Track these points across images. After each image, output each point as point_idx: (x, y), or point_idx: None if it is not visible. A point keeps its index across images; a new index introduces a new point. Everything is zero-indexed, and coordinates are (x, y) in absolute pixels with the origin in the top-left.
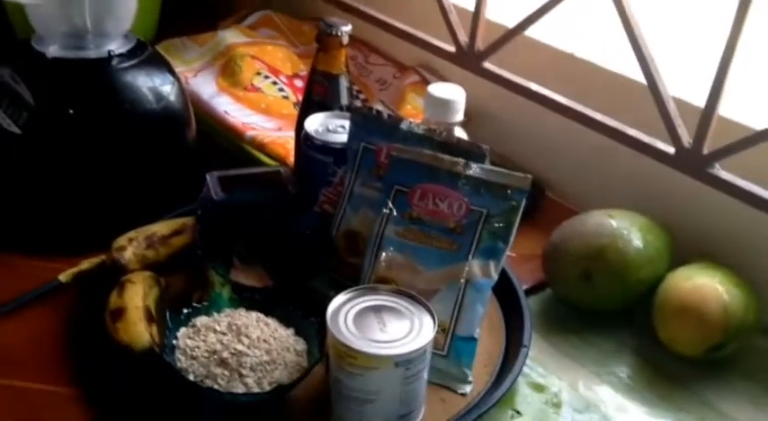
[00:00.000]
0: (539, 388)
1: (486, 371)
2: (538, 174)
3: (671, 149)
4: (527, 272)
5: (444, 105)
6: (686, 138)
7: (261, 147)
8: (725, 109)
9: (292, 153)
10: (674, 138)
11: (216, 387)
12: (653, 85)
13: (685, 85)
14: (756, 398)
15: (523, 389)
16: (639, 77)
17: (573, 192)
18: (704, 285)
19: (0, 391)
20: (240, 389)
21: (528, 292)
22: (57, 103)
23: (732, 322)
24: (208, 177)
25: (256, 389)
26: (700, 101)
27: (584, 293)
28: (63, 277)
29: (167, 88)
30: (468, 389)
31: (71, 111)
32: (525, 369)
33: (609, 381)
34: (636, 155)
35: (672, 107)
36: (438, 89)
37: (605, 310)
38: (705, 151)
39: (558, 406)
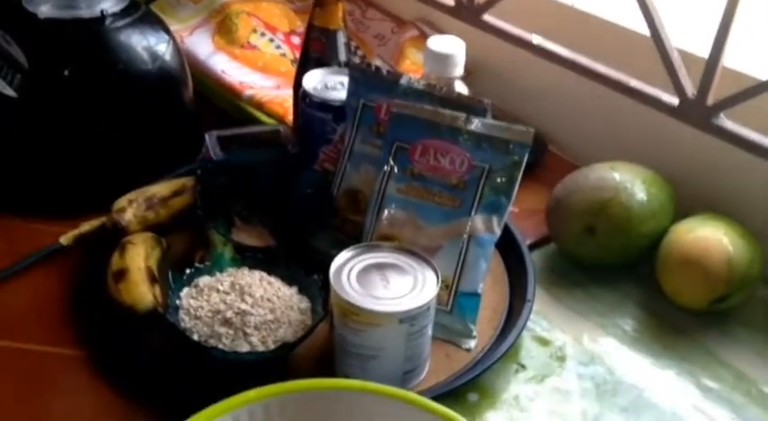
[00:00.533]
0: (543, 342)
1: (491, 326)
2: (540, 128)
3: (675, 101)
4: (530, 227)
5: (444, 59)
6: (690, 89)
7: (259, 105)
8: (729, 59)
9: (291, 111)
10: (678, 89)
11: (220, 346)
12: (656, 36)
13: (689, 35)
14: (760, 349)
15: (528, 344)
16: (642, 28)
17: (575, 146)
18: (708, 237)
19: (3, 353)
20: (245, 348)
21: (531, 247)
22: (50, 64)
23: (736, 273)
24: (207, 137)
25: (261, 348)
26: (703, 51)
27: (588, 247)
28: (64, 240)
29: (162, 47)
30: (472, 344)
31: (66, 73)
32: (529, 323)
33: (613, 334)
34: (639, 107)
35: (676, 57)
36: (437, 43)
37: (609, 264)
38: (710, 102)
39: (562, 359)
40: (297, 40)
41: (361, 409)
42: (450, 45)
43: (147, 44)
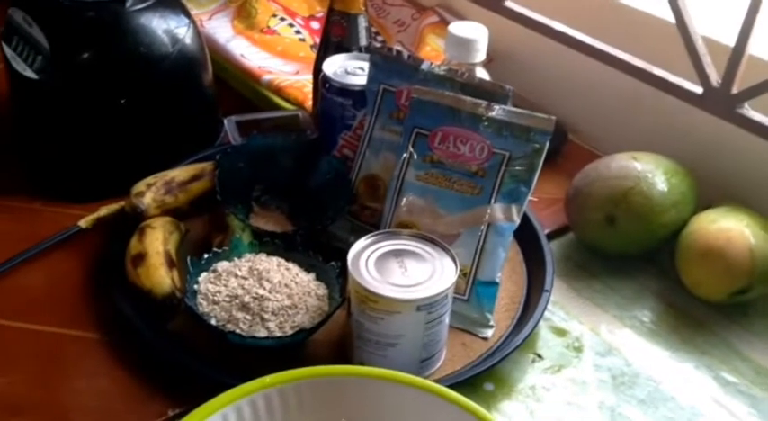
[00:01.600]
0: (560, 332)
1: (508, 315)
2: (561, 116)
3: (698, 89)
4: (549, 216)
5: (466, 45)
6: (715, 78)
7: (278, 90)
8: (755, 47)
9: (310, 97)
10: (702, 78)
11: (238, 331)
12: (681, 23)
13: (714, 23)
14: None
15: (545, 334)
16: (667, 15)
17: (596, 135)
18: (730, 228)
19: (24, 335)
20: (262, 333)
21: (550, 237)
22: (71, 46)
23: (758, 266)
24: (226, 122)
25: (278, 333)
26: (729, 39)
27: (608, 237)
28: (83, 223)
29: (182, 31)
30: (489, 333)
31: (86, 55)
32: (547, 313)
33: (631, 326)
34: (661, 96)
35: (700, 45)
36: (459, 28)
37: (628, 255)
38: (734, 90)
39: (579, 350)
40: (316, 26)
41: (377, 396)
42: (473, 30)
43: (167, 27)
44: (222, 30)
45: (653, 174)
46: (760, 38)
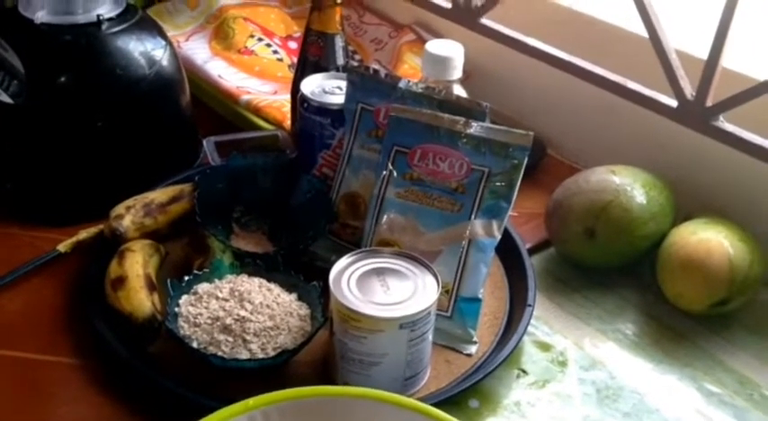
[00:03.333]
0: (544, 347)
1: (491, 331)
2: (539, 131)
3: (674, 102)
4: (530, 231)
5: (443, 62)
6: (689, 91)
7: (256, 111)
8: (728, 60)
9: (288, 116)
10: (677, 91)
11: (220, 353)
12: (654, 36)
13: (687, 36)
14: (762, 353)
15: (529, 349)
16: (640, 30)
17: (575, 150)
18: (709, 240)
19: (2, 361)
20: (244, 355)
21: (531, 251)
22: (47, 69)
23: (737, 276)
24: (204, 143)
25: (261, 355)
26: (702, 53)
27: (588, 250)
28: (62, 247)
29: (159, 52)
30: (473, 349)
31: (62, 79)
32: (530, 328)
33: (614, 339)
34: (638, 110)
35: (674, 58)
36: (436, 46)
37: (609, 267)
38: (709, 103)
39: (563, 364)
40: (294, 45)
41: (361, 416)
42: (449, 48)
43: (143, 49)
44: (200, 51)
45: (631, 187)
46: (733, 51)
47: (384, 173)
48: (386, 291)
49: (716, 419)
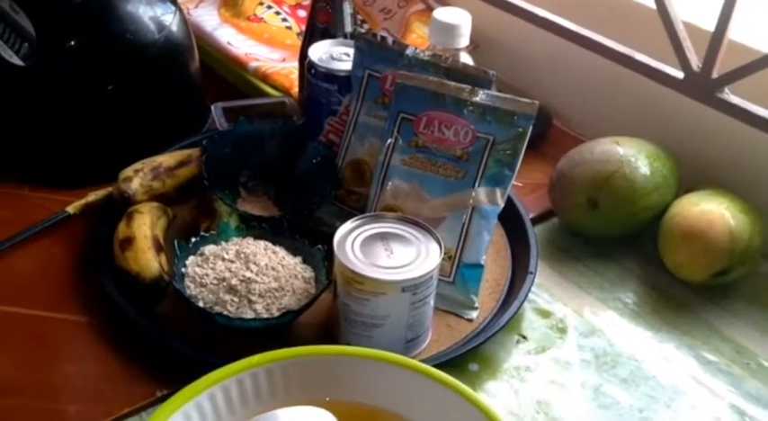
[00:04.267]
0: (544, 313)
1: (493, 297)
2: (545, 102)
3: (680, 74)
4: (534, 201)
5: (450, 30)
6: (695, 62)
7: (264, 77)
8: (734, 33)
9: (296, 84)
10: (683, 63)
11: (225, 313)
12: (662, 8)
13: (695, 8)
14: (760, 323)
15: (529, 315)
16: (648, 1)
17: (580, 121)
18: (711, 211)
19: (13, 318)
20: (249, 315)
21: (534, 221)
22: (57, 33)
23: (738, 247)
24: (213, 108)
25: (265, 315)
26: (709, 25)
27: (591, 221)
28: (71, 209)
29: (169, 18)
30: (474, 314)
31: (72, 42)
32: (531, 295)
33: (614, 307)
34: (643, 82)
35: (681, 29)
36: (443, 13)
37: (611, 238)
38: (714, 75)
39: (563, 331)
40: (303, 13)
41: (362, 376)
42: (456, 16)
43: (153, 14)
44: (209, 18)
45: (635, 158)
46: (739, 23)
47: (390, 140)
48: (389, 255)
49: (712, 386)
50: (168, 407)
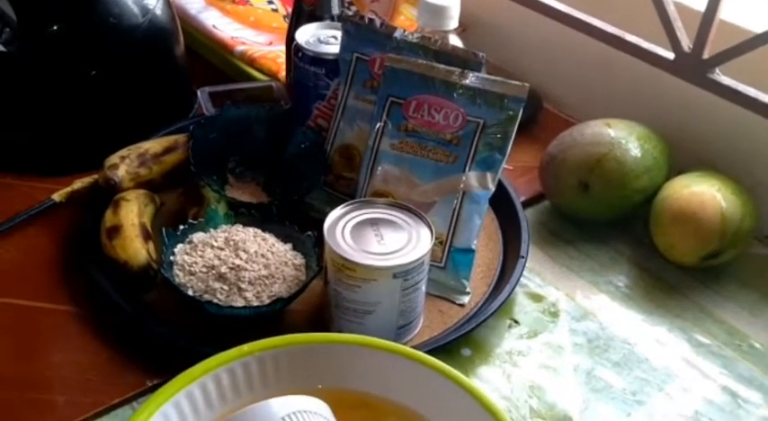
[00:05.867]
0: (536, 298)
1: (484, 282)
2: (536, 85)
3: (670, 55)
4: (525, 184)
5: (438, 12)
6: (686, 43)
7: (251, 62)
8: (725, 13)
9: (283, 67)
10: (674, 43)
11: (215, 301)
12: None
13: None
14: (752, 305)
15: (521, 299)
16: None
17: (572, 104)
18: (702, 192)
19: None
20: (240, 303)
21: (525, 204)
22: (39, 17)
23: (729, 229)
24: (199, 93)
25: (256, 303)
26: (700, 5)
27: (582, 203)
28: (57, 196)
29: (152, 1)
30: (466, 299)
31: (55, 27)
32: (523, 280)
33: (606, 291)
34: (635, 64)
35: (672, 10)
36: None
37: (603, 220)
38: (705, 56)
39: (555, 315)
40: None
41: (354, 363)
42: None
43: None
44: (194, 0)
45: (626, 140)
46: (730, 3)
47: (379, 124)
48: (380, 240)
49: (704, 368)
50: (159, 397)
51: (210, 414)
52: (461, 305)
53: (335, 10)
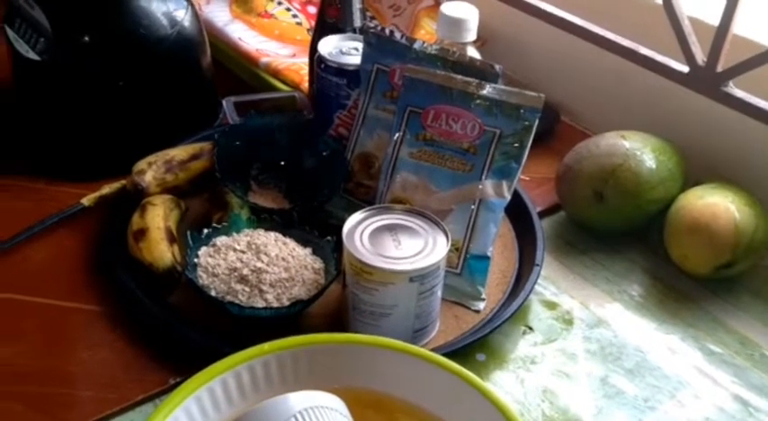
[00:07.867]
0: (551, 305)
1: (500, 289)
2: (553, 98)
3: (685, 68)
4: (541, 195)
5: (457, 24)
6: (700, 56)
7: (275, 73)
8: (739, 27)
9: (306, 79)
10: (688, 57)
11: (237, 302)
12: (667, 2)
13: (699, 4)
14: (765, 316)
15: (536, 307)
16: None
17: (588, 116)
18: (716, 204)
19: (29, 307)
20: (260, 304)
21: (541, 215)
22: (72, 27)
23: (742, 240)
24: (224, 103)
25: (276, 304)
26: (713, 19)
27: (597, 214)
28: (86, 201)
29: (181, 13)
30: (481, 305)
31: (87, 37)
32: (538, 287)
33: (620, 299)
34: (649, 76)
35: (686, 24)
36: (450, 8)
37: (617, 231)
38: (719, 69)
39: (569, 322)
40: (313, 10)
41: (370, 364)
42: (464, 10)
43: (166, 9)
44: (220, 14)
45: (641, 151)
46: (744, 17)
47: (398, 133)
48: (397, 246)
49: (716, 377)
50: (182, 392)
51: (230, 409)
52: (477, 311)
53: (357, 22)
